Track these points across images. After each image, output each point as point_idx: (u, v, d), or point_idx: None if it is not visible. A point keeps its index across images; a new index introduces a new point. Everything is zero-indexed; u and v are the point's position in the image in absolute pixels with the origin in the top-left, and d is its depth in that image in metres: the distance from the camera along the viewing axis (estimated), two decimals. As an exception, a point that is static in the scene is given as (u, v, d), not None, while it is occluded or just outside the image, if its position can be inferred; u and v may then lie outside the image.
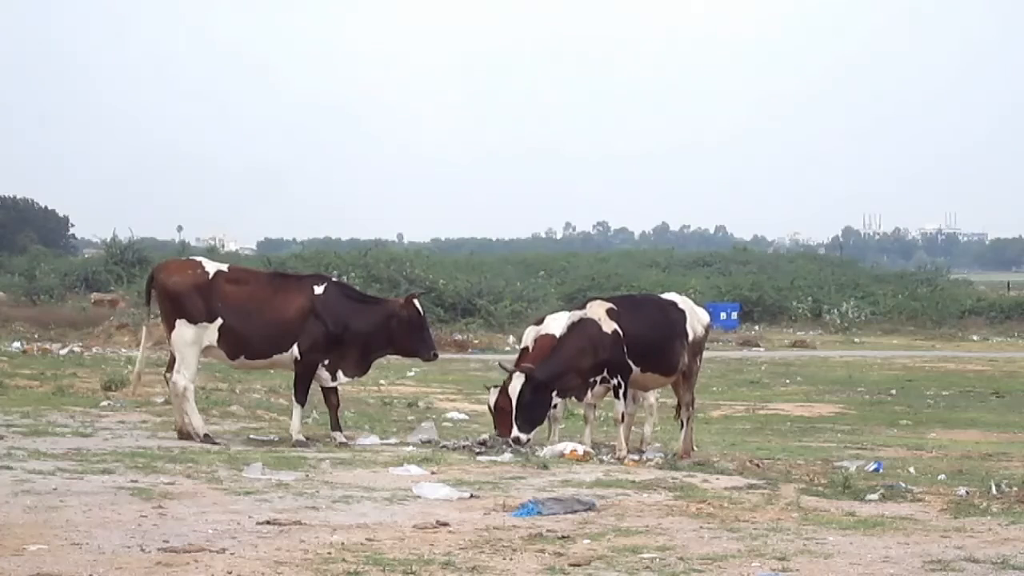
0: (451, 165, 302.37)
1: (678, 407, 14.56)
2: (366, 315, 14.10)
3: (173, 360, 13.78)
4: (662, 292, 15.93)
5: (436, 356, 14.76)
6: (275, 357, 13.84)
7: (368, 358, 14.28)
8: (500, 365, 14.56)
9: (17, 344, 28.78)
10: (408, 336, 14.18)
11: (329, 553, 7.72)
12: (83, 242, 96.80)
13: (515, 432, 13.25)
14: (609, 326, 13.63)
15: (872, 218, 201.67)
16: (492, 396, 14.06)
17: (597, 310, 13.79)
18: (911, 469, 13.64)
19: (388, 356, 15.26)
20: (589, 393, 13.75)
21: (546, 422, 13.90)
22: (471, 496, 10.06)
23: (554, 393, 13.48)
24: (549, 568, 7.50)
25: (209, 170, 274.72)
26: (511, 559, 7.72)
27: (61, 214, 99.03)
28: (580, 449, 13.13)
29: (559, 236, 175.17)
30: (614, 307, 13.87)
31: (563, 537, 8.38)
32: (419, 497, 9.97)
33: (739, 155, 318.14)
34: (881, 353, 40.85)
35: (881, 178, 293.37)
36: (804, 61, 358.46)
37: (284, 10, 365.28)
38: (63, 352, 27.69)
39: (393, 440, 14.31)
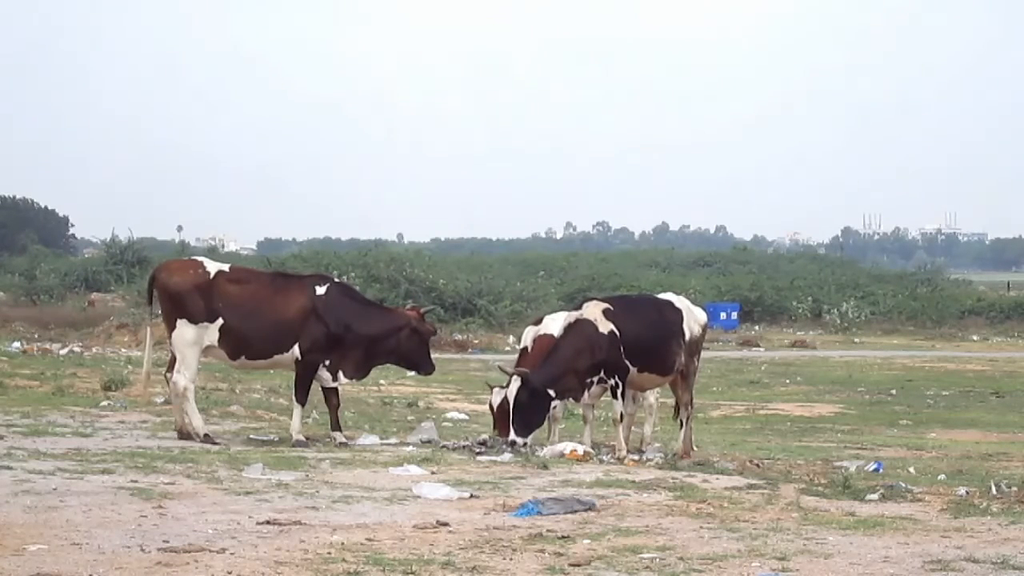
0: (451, 165, 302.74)
1: (676, 407, 14.56)
2: (372, 320, 14.09)
3: (174, 360, 13.78)
4: (661, 292, 15.92)
5: (433, 371, 14.93)
6: (276, 357, 13.83)
7: (371, 362, 14.28)
8: (500, 368, 14.54)
9: (17, 344, 28.75)
10: (417, 350, 14.29)
11: (329, 553, 7.72)
12: (83, 242, 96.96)
13: (512, 435, 13.25)
14: (605, 326, 13.62)
15: (872, 218, 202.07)
16: (496, 397, 14.04)
17: (593, 311, 13.77)
18: (911, 469, 13.64)
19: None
20: (586, 394, 13.74)
21: (546, 422, 13.90)
22: (471, 496, 10.05)
23: (553, 395, 13.48)
24: (549, 568, 7.50)
25: (209, 170, 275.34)
26: (511, 559, 7.72)
27: (61, 214, 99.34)
28: (580, 449, 13.12)
29: (559, 236, 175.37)
30: (610, 307, 13.85)
31: (563, 537, 8.37)
32: (419, 497, 9.96)
33: (739, 155, 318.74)
34: (881, 353, 40.86)
35: (881, 178, 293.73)
36: (804, 61, 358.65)
37: (284, 10, 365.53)
38: (63, 352, 27.67)
39: (393, 440, 14.31)
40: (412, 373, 26.02)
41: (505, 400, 13.64)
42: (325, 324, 13.74)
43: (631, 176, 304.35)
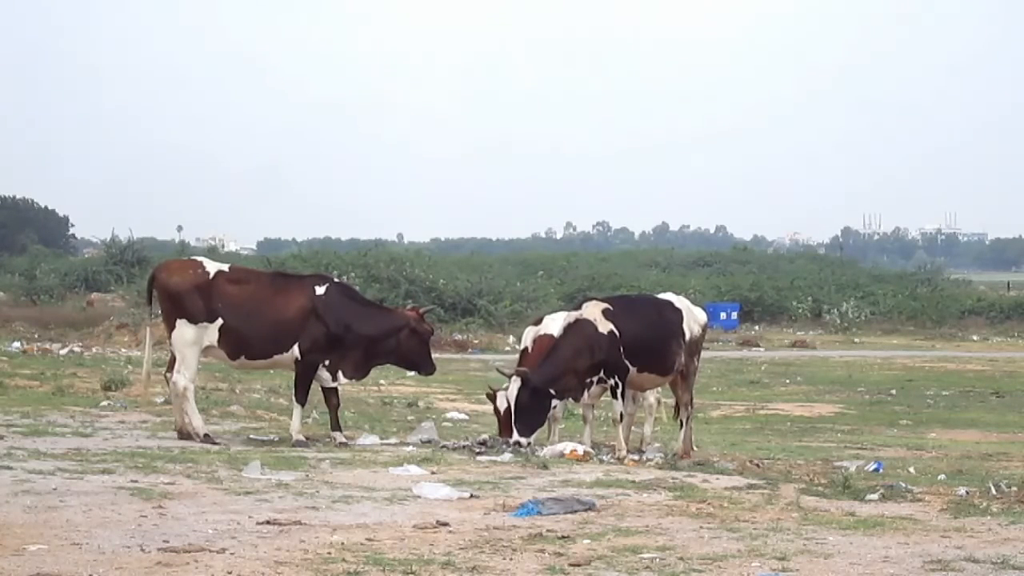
0: (451, 165, 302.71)
1: (677, 407, 14.57)
2: (371, 320, 14.09)
3: (174, 360, 13.79)
4: (661, 292, 15.93)
5: (434, 371, 14.91)
6: (276, 357, 13.83)
7: (370, 362, 14.28)
8: (498, 369, 14.52)
9: (17, 344, 28.74)
10: (417, 350, 14.29)
11: (329, 553, 7.72)
12: (83, 242, 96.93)
13: (515, 436, 13.25)
14: (605, 326, 13.62)
15: (872, 218, 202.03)
16: (500, 400, 13.94)
17: (593, 311, 13.77)
18: (911, 469, 13.64)
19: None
20: (586, 394, 13.74)
21: (546, 422, 13.90)
22: (471, 496, 10.06)
23: (553, 394, 13.48)
24: (549, 568, 7.50)
25: (209, 170, 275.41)
26: (511, 559, 7.72)
27: (61, 214, 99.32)
28: (580, 449, 13.12)
29: (559, 236, 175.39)
30: (610, 307, 13.85)
31: (563, 537, 8.38)
32: (419, 497, 9.97)
33: (739, 155, 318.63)
34: (881, 353, 40.86)
35: (881, 178, 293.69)
36: (803, 61, 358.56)
37: (285, 10, 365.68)
38: (63, 352, 27.68)
39: (393, 440, 14.31)
40: (412, 373, 26.09)
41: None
42: (325, 324, 13.74)
43: (631, 176, 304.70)
